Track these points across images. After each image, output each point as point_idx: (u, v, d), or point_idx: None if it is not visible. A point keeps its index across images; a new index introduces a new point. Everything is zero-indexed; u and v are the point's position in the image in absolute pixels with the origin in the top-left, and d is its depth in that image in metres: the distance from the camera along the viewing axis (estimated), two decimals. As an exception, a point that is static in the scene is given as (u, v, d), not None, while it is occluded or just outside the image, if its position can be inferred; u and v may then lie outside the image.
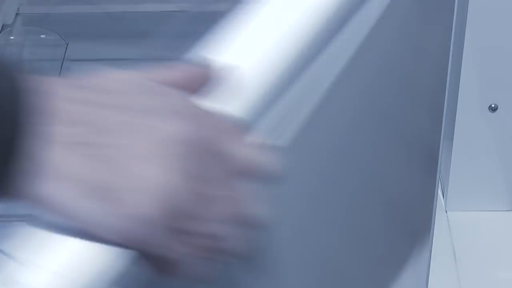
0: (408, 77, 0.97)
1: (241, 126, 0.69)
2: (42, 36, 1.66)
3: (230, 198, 0.65)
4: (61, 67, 1.60)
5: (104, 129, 0.61)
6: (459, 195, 1.53)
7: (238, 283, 0.73)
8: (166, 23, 1.82)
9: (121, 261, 0.58)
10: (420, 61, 0.99)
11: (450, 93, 0.99)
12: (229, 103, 0.66)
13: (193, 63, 0.71)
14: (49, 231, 0.63)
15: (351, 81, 0.83)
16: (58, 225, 0.61)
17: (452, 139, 1.44)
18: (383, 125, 0.96)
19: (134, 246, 0.61)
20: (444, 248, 1.51)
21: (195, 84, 0.70)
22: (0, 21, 1.66)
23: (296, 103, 0.74)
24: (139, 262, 0.62)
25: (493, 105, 1.39)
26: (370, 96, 0.90)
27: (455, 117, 1.41)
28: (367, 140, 0.93)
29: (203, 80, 0.70)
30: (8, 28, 1.69)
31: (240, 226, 0.65)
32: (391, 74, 0.92)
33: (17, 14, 1.77)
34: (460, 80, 1.37)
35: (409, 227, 1.18)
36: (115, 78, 0.66)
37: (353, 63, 0.81)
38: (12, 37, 1.66)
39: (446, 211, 1.55)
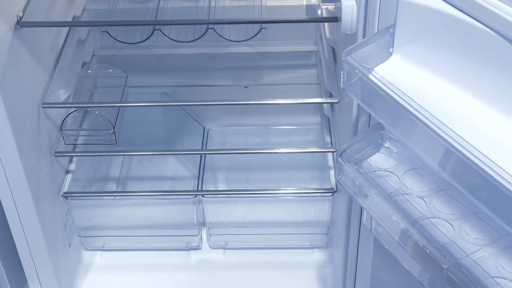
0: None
1: None
2: (109, 70, 1.65)
3: None
4: (122, 92, 1.59)
5: None
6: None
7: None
8: (194, 62, 1.82)
9: None
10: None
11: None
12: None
13: None
14: None
15: None
16: None
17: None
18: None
19: None
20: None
21: None
22: (81, 60, 1.65)
23: None
24: None
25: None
26: None
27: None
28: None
29: None
30: (87, 65, 1.68)
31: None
32: None
33: (93, 55, 1.77)
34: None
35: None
36: None
37: None
38: (89, 71, 1.65)
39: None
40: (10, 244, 1.38)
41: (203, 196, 1.53)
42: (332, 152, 1.51)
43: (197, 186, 1.56)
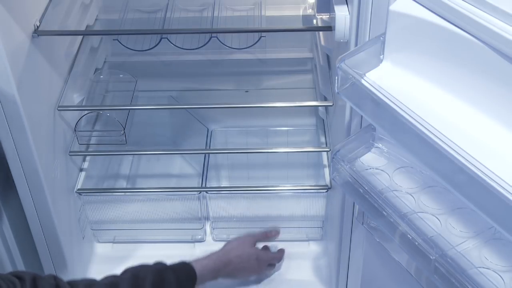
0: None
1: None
2: (120, 75, 1.65)
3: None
4: (132, 96, 1.58)
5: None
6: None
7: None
8: (198, 68, 1.81)
9: None
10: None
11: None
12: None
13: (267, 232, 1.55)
14: None
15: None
16: None
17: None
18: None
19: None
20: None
21: (268, 238, 1.54)
22: (94, 66, 1.65)
23: None
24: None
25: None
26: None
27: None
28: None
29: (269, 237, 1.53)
30: (99, 70, 1.67)
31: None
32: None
33: (105, 61, 1.76)
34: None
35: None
36: (233, 255, 1.43)
37: None
38: (101, 76, 1.64)
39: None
40: (28, 236, 1.38)
41: (206, 192, 1.53)
42: (327, 151, 1.50)
43: (201, 183, 1.55)
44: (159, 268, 1.24)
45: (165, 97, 1.78)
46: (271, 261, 1.52)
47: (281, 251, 1.55)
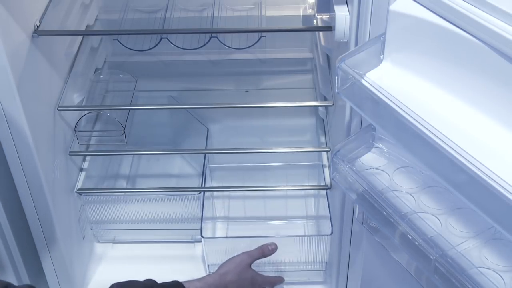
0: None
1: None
2: (120, 75, 1.65)
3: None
4: (132, 96, 1.58)
5: None
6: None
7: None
8: (198, 68, 1.81)
9: None
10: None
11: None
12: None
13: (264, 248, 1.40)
14: None
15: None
16: None
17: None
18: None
19: None
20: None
21: (265, 255, 1.39)
22: (94, 66, 1.65)
23: None
24: None
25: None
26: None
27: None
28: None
29: (266, 253, 1.39)
30: (99, 70, 1.67)
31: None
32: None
33: (105, 61, 1.76)
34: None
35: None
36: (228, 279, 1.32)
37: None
38: (101, 76, 1.64)
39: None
40: (28, 236, 1.38)
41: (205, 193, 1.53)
42: (327, 151, 1.50)
43: (201, 183, 1.55)
44: (149, 287, 1.17)
45: (165, 97, 1.78)
46: (264, 285, 1.43)
47: (279, 278, 1.47)
